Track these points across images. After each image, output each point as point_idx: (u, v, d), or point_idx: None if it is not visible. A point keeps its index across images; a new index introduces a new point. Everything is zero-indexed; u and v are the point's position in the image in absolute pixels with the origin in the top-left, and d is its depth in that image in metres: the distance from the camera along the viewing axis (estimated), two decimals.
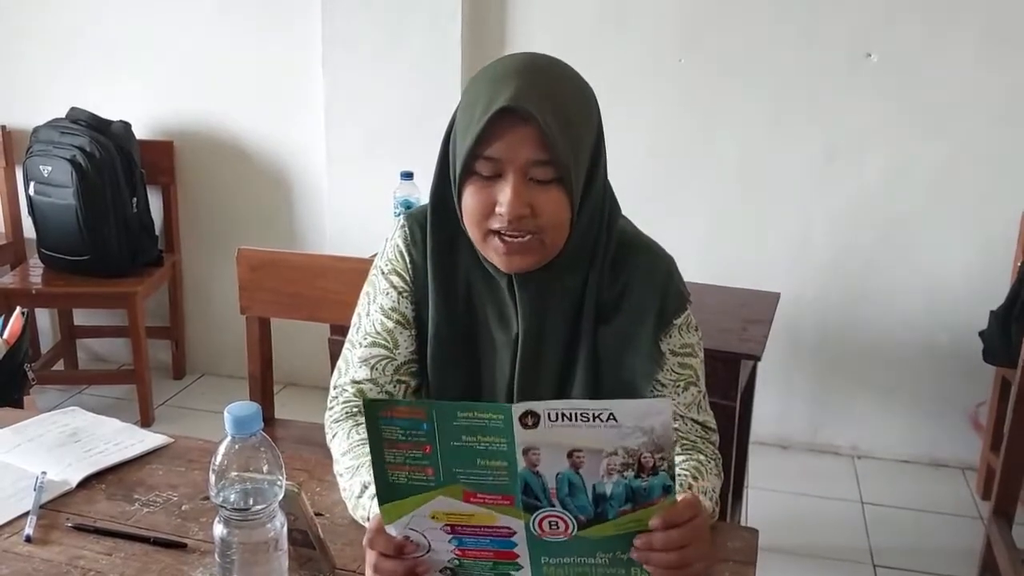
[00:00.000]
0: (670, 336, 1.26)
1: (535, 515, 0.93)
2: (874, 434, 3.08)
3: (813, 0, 2.78)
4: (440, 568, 0.99)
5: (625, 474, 0.91)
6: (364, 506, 1.16)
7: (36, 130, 3.09)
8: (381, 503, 0.95)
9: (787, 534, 2.61)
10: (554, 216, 1.16)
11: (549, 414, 0.88)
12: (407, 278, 1.30)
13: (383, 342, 1.30)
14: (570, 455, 0.90)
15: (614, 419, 0.89)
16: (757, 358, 2.09)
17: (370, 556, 0.99)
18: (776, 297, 2.38)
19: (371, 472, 1.07)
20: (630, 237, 1.28)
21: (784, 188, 2.94)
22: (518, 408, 0.88)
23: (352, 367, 1.32)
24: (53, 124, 3.09)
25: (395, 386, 1.31)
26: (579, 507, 0.92)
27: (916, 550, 2.59)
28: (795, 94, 2.86)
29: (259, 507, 0.96)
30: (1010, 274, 2.74)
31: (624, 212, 1.31)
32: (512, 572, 0.98)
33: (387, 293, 1.31)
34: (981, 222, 2.83)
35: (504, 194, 1.14)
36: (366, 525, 1.15)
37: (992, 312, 2.62)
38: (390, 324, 1.30)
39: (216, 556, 0.98)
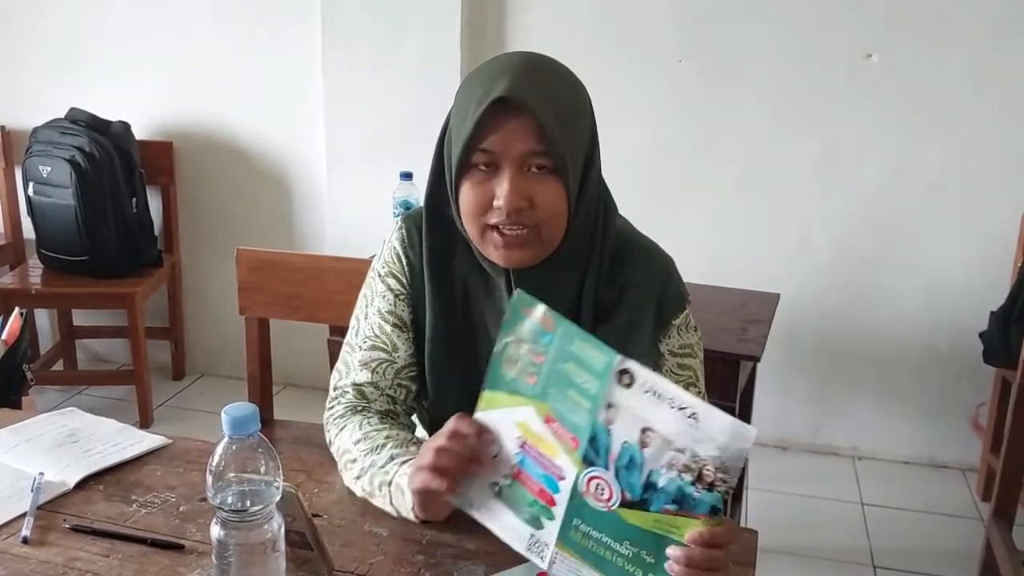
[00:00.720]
0: (669, 337, 1.27)
1: (588, 471, 0.97)
2: (874, 435, 3.08)
3: (813, 1, 2.78)
4: (493, 480, 1.04)
5: (683, 476, 0.93)
6: (389, 471, 1.17)
7: (35, 130, 3.09)
8: (486, 389, 1.04)
9: (787, 535, 2.61)
10: (551, 207, 1.16)
11: (645, 381, 0.94)
12: (404, 281, 1.30)
13: (382, 345, 1.30)
14: (643, 431, 0.94)
15: (695, 419, 0.92)
16: (757, 359, 2.09)
17: (449, 425, 1.05)
18: (776, 298, 2.38)
19: (394, 449, 1.17)
20: (628, 237, 1.28)
21: (784, 189, 2.93)
22: (620, 361, 0.94)
23: (353, 370, 1.32)
24: (52, 124, 3.09)
25: (396, 390, 1.31)
26: (629, 484, 0.95)
27: (916, 551, 2.59)
28: (795, 95, 2.86)
29: (256, 508, 0.95)
30: (1010, 275, 2.73)
31: (624, 213, 1.31)
32: (544, 518, 1.01)
33: (384, 296, 1.31)
34: (981, 223, 2.83)
35: (501, 187, 1.14)
36: (377, 497, 1.18)
37: (992, 313, 2.62)
38: (388, 328, 1.30)
39: (213, 557, 0.98)
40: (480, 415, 1.04)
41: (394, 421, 1.31)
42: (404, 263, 1.30)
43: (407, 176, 2.46)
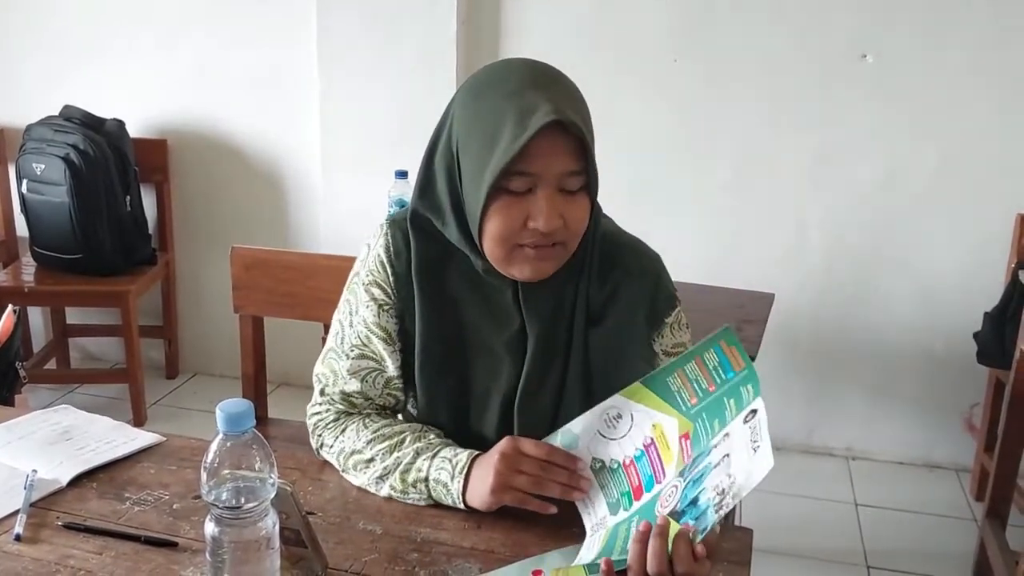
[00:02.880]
0: (662, 336, 1.26)
1: (679, 480, 1.02)
2: (868, 435, 3.08)
3: (810, 1, 2.78)
4: (600, 456, 1.10)
5: (715, 497, 0.99)
6: (421, 467, 1.19)
7: (29, 128, 3.08)
8: (646, 383, 1.07)
9: (781, 536, 2.61)
10: (580, 223, 1.16)
11: (758, 422, 1.00)
12: (388, 291, 1.27)
13: (371, 355, 1.29)
14: (724, 456, 1.01)
15: (754, 451, 0.99)
16: (751, 359, 2.08)
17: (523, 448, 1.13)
18: (771, 298, 2.38)
19: (416, 444, 1.21)
20: (614, 236, 1.27)
21: (779, 189, 2.94)
22: (757, 401, 1.01)
23: (341, 378, 1.31)
24: (46, 122, 3.08)
25: (385, 399, 1.31)
26: (684, 495, 1.01)
27: (910, 551, 2.59)
28: (790, 95, 2.86)
29: (251, 505, 0.95)
30: (1004, 275, 2.74)
31: (619, 213, 1.31)
32: (624, 508, 1.07)
33: (368, 306, 1.28)
34: (975, 223, 2.83)
35: (539, 209, 1.11)
36: (409, 496, 1.21)
37: (986, 314, 2.63)
38: (374, 339, 1.28)
39: (207, 555, 0.97)
40: (622, 401, 1.08)
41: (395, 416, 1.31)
42: (389, 272, 1.26)
43: (402, 175, 2.46)
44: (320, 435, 1.32)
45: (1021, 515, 2.36)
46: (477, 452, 1.19)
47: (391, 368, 1.29)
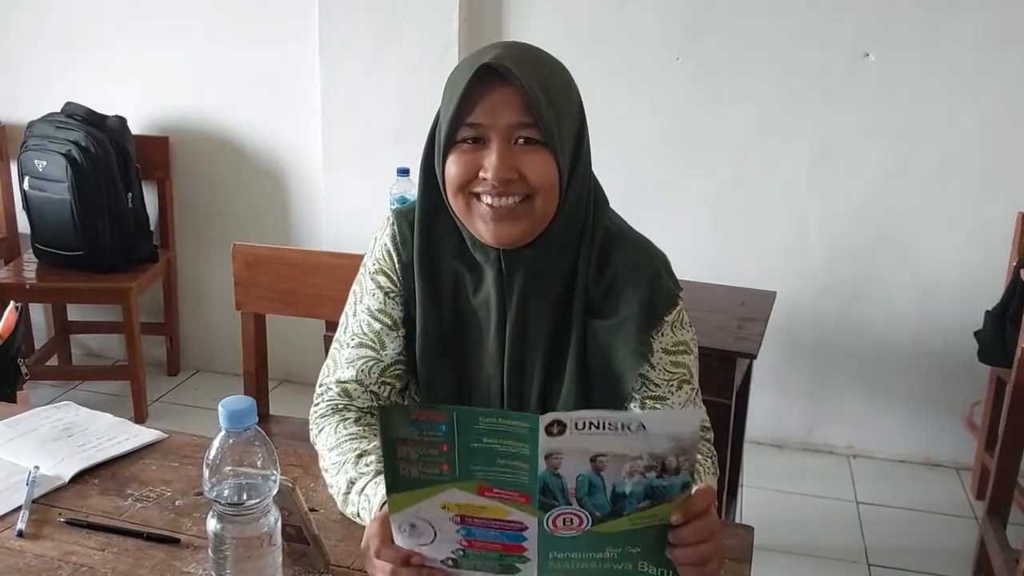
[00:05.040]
0: (662, 334, 1.25)
1: (550, 513, 0.92)
2: (869, 433, 3.08)
3: (812, 0, 2.78)
4: (443, 558, 0.98)
5: (648, 475, 0.90)
6: (353, 502, 1.16)
7: (31, 124, 3.08)
8: (389, 493, 0.94)
9: (782, 533, 2.61)
10: (542, 178, 1.15)
11: (576, 423, 0.87)
12: (394, 278, 1.29)
13: (370, 343, 1.29)
14: (593, 459, 0.89)
15: (642, 428, 0.88)
16: (753, 356, 2.09)
17: (378, 566, 0.97)
18: (772, 296, 2.38)
19: (356, 468, 1.11)
20: (619, 230, 1.27)
21: (781, 187, 2.94)
22: (545, 418, 0.87)
23: (339, 367, 1.31)
24: (48, 119, 3.08)
25: (380, 387, 1.31)
26: (596, 505, 0.92)
27: (911, 549, 2.59)
28: (792, 93, 2.86)
29: (253, 502, 0.95)
30: (1005, 274, 2.74)
31: (620, 210, 1.31)
32: (518, 564, 0.97)
33: (373, 294, 1.30)
34: (977, 222, 2.83)
35: (489, 158, 1.13)
36: (357, 521, 1.15)
37: (987, 312, 2.62)
38: (377, 326, 1.29)
39: (209, 551, 0.98)
40: (395, 517, 0.95)
41: (373, 419, 1.31)
42: (395, 260, 1.29)
43: (404, 172, 2.45)
44: (312, 428, 1.33)
45: (1022, 513, 2.36)
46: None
47: (390, 354, 1.29)
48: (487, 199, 1.15)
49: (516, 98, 1.12)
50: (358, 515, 1.15)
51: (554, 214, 1.19)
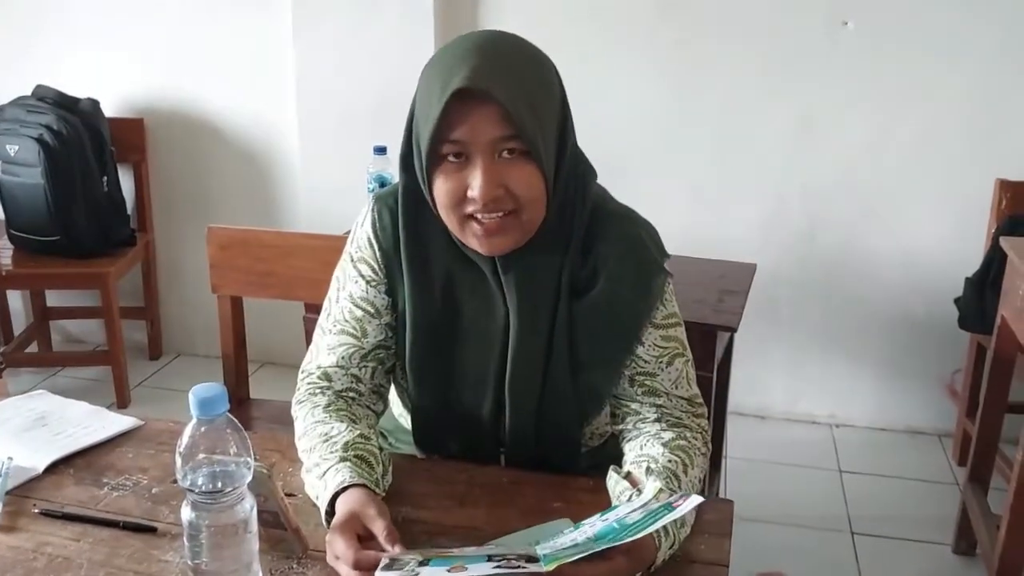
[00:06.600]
0: (651, 308, 1.25)
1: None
2: (851, 403, 3.10)
3: None
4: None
5: (652, 507, 1.00)
6: (313, 485, 1.17)
7: (1, 108, 3.03)
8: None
9: (766, 503, 2.63)
10: (529, 190, 1.14)
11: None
12: (376, 267, 1.28)
13: (351, 331, 1.29)
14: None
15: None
16: (734, 329, 2.08)
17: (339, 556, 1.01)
18: (752, 268, 2.37)
19: (320, 453, 1.16)
20: (604, 204, 1.26)
21: (760, 158, 2.93)
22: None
23: (321, 353, 1.31)
24: (19, 102, 3.03)
25: (361, 369, 1.30)
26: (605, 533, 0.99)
27: (893, 517, 2.61)
28: (772, 63, 2.84)
29: (228, 489, 0.94)
30: (985, 241, 2.74)
31: (600, 183, 1.29)
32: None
33: (356, 281, 1.29)
34: (956, 189, 2.83)
35: (475, 177, 1.12)
36: (317, 504, 1.16)
37: (967, 279, 2.63)
38: (359, 313, 1.28)
39: (185, 540, 0.97)
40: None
41: (350, 403, 1.30)
42: (376, 249, 1.27)
43: (381, 150, 2.43)
44: (293, 413, 1.32)
45: (1003, 479, 2.38)
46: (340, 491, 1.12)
47: (372, 341, 1.29)
48: (478, 215, 1.14)
49: (496, 113, 1.10)
50: (317, 498, 1.15)
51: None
